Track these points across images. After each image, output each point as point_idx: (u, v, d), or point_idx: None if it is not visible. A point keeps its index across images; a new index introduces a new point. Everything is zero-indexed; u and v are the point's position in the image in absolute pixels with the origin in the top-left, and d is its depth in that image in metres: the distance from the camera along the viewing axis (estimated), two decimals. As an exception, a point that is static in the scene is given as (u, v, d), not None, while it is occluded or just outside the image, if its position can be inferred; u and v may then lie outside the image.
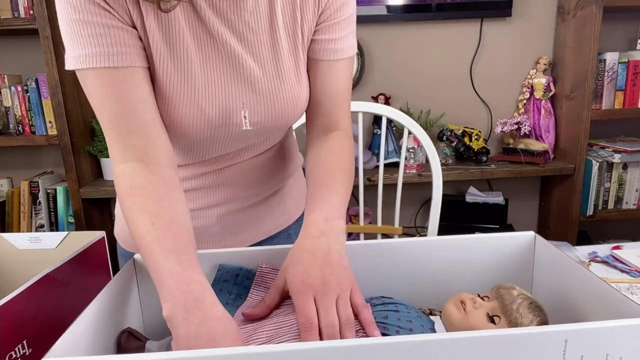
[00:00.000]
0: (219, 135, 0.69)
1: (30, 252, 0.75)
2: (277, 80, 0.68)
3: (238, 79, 0.66)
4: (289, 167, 0.86)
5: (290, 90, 0.69)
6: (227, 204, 0.79)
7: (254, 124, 0.69)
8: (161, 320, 0.62)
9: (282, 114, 0.70)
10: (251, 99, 0.67)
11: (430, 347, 0.40)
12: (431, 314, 0.59)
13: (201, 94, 0.64)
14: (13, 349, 0.52)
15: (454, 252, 0.64)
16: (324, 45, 0.70)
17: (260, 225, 0.83)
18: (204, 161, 0.75)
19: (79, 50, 0.59)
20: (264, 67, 0.67)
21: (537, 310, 0.54)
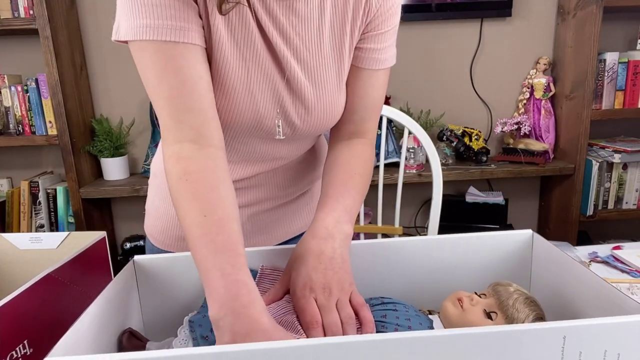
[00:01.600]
0: (250, 138, 0.68)
1: (31, 252, 0.75)
2: (318, 88, 0.67)
3: (280, 84, 0.65)
4: (319, 168, 0.86)
5: (331, 99, 0.68)
6: (258, 204, 0.79)
7: (287, 133, 0.68)
8: (161, 321, 0.62)
9: (319, 121, 0.69)
10: (290, 105, 0.66)
11: (429, 344, 0.40)
12: (430, 313, 0.59)
13: (242, 91, 0.63)
14: (14, 348, 0.52)
15: (453, 251, 0.64)
16: (368, 54, 0.69)
17: (289, 225, 0.84)
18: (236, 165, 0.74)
19: (138, 20, 0.56)
20: (308, 73, 0.66)
21: (533, 305, 0.55)
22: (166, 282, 0.61)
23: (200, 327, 0.54)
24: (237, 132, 0.67)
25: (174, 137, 0.59)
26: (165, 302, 0.62)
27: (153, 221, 0.84)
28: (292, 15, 0.62)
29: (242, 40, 0.62)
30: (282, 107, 0.66)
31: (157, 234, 0.83)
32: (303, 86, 0.66)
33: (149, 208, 0.85)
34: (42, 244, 0.75)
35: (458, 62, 2.07)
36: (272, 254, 0.63)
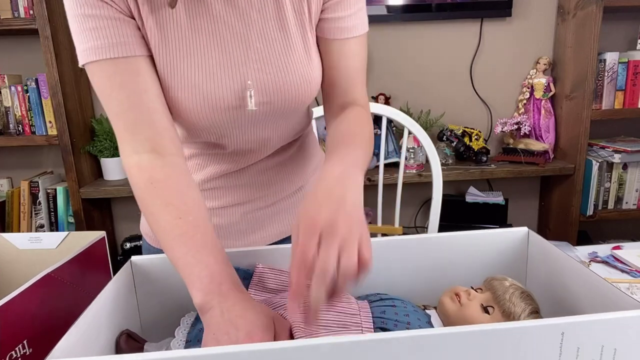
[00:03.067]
0: (227, 120, 0.68)
1: (31, 252, 0.75)
2: (284, 56, 0.66)
3: (241, 59, 0.65)
4: (311, 164, 0.86)
5: (299, 66, 0.67)
6: (251, 202, 0.80)
7: (262, 104, 0.68)
8: (159, 322, 0.62)
9: (291, 91, 0.68)
10: (257, 78, 0.66)
11: (429, 342, 0.41)
12: (425, 309, 0.60)
13: (201, 76, 0.64)
14: (13, 348, 0.52)
15: (450, 249, 0.64)
16: (333, 24, 0.68)
17: (282, 222, 0.84)
18: (225, 158, 0.75)
19: (84, 44, 0.59)
20: (271, 45, 0.66)
21: (529, 299, 0.55)
22: (164, 283, 0.61)
23: (200, 331, 0.54)
24: (211, 113, 0.66)
25: (132, 148, 0.60)
26: (162, 303, 0.62)
27: None
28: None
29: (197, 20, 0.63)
30: (251, 79, 0.66)
31: (152, 233, 0.83)
32: (266, 57, 0.66)
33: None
34: (42, 244, 0.75)
35: (458, 62, 2.07)
36: (268, 253, 0.63)
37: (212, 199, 0.79)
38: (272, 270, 0.62)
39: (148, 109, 0.60)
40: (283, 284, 0.61)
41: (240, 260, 0.62)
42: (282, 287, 0.61)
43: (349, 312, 0.54)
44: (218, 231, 0.80)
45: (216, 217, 0.80)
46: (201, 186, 0.79)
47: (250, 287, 0.61)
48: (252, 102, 0.66)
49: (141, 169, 0.59)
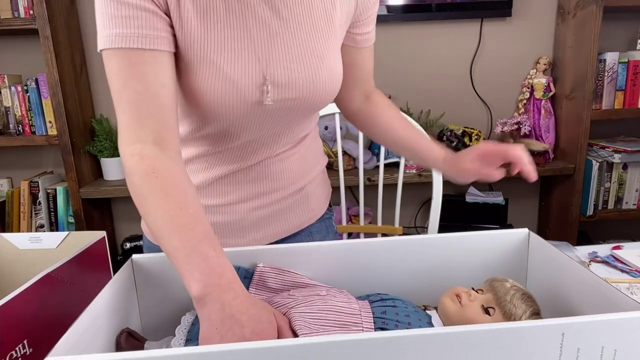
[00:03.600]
0: (248, 111, 0.70)
1: (31, 252, 0.75)
2: (316, 58, 0.72)
3: (268, 54, 0.68)
4: (315, 167, 0.88)
5: (328, 67, 0.73)
6: (255, 199, 0.81)
7: (287, 100, 0.71)
8: (159, 321, 0.62)
9: (319, 90, 0.73)
10: (283, 74, 0.69)
11: (430, 341, 0.41)
12: (426, 309, 0.60)
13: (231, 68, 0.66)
14: (14, 348, 0.52)
15: (450, 250, 0.64)
16: (365, 37, 0.82)
17: (285, 221, 0.85)
18: (231, 154, 0.77)
19: (109, 30, 0.60)
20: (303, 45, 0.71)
21: (530, 301, 0.55)
22: (164, 282, 0.61)
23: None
24: (236, 108, 0.69)
25: (136, 136, 0.60)
26: (163, 301, 0.62)
27: None
28: None
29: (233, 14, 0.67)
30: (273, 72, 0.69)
31: None
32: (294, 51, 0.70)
33: None
34: (42, 244, 0.75)
35: (458, 62, 2.07)
36: (269, 253, 0.63)
37: (215, 196, 0.80)
38: (273, 270, 0.62)
39: (162, 104, 0.62)
40: (284, 283, 0.61)
41: (241, 260, 0.62)
42: (283, 286, 0.61)
43: (350, 312, 0.54)
44: (221, 228, 0.81)
45: (219, 214, 0.80)
46: (206, 186, 0.79)
47: (251, 286, 0.61)
48: (269, 98, 0.69)
49: (143, 157, 0.59)
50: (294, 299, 0.56)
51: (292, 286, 0.61)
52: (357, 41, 0.82)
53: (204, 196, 0.80)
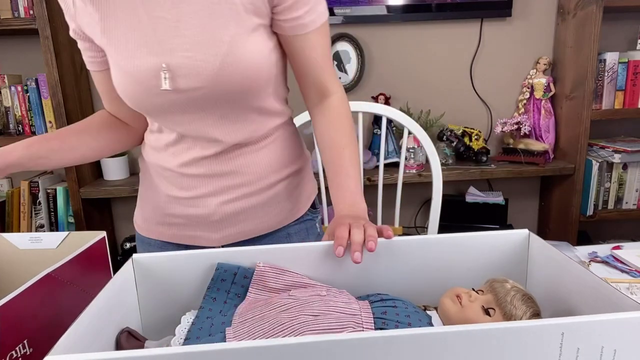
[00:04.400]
0: (159, 103, 0.75)
1: (31, 252, 0.75)
2: (216, 44, 0.71)
3: (168, 41, 0.72)
4: (290, 165, 0.87)
5: (234, 52, 0.71)
6: (223, 193, 0.82)
7: (189, 90, 0.73)
8: (159, 321, 0.62)
9: (222, 77, 0.72)
10: (181, 62, 0.72)
11: (430, 341, 0.41)
12: (426, 309, 0.60)
13: (126, 63, 0.74)
14: (14, 348, 0.52)
15: (450, 250, 0.64)
16: (291, 23, 0.75)
17: (260, 219, 0.85)
18: (187, 146, 0.80)
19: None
20: (201, 30, 0.71)
21: (530, 302, 0.55)
22: (165, 281, 0.61)
23: (200, 330, 0.55)
24: (139, 100, 0.77)
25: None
26: (163, 301, 0.62)
27: (140, 210, 0.93)
28: None
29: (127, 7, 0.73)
30: (167, 57, 0.72)
31: (142, 222, 0.91)
32: (191, 39, 0.71)
33: (139, 199, 0.95)
34: (42, 244, 0.75)
35: (458, 62, 2.08)
36: (269, 253, 0.63)
37: (186, 189, 0.83)
38: (273, 270, 0.62)
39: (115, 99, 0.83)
40: (284, 283, 0.61)
41: (241, 260, 0.62)
42: (283, 286, 0.61)
43: (350, 312, 0.54)
44: (194, 221, 0.84)
45: (191, 207, 0.83)
46: (177, 177, 0.83)
47: (251, 286, 0.61)
48: (166, 83, 0.73)
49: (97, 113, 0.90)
50: (295, 299, 0.56)
51: (292, 286, 0.61)
52: (284, 28, 0.76)
53: (177, 189, 0.84)
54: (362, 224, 0.64)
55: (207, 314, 0.58)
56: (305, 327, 0.50)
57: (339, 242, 0.61)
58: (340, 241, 0.61)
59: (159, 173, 0.86)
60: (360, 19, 1.96)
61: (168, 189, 0.85)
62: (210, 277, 0.61)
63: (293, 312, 0.53)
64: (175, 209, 0.85)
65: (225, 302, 0.60)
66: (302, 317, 0.52)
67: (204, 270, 0.61)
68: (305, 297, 0.56)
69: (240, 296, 0.60)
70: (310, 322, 0.51)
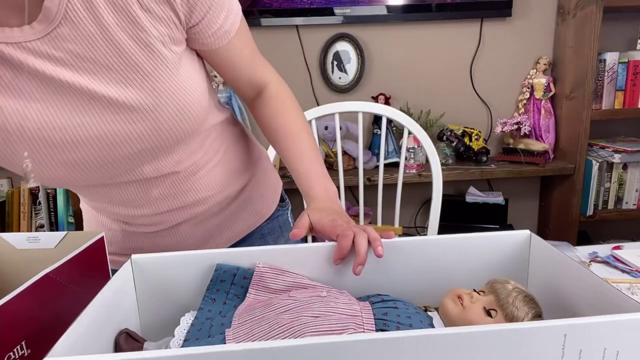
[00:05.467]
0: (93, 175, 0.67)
1: (29, 252, 0.75)
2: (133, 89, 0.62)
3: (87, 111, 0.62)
4: (250, 165, 0.84)
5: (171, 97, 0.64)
6: (191, 219, 0.79)
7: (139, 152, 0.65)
8: (158, 322, 0.62)
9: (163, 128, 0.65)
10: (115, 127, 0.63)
11: (431, 342, 0.41)
12: (426, 310, 0.60)
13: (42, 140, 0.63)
14: (12, 349, 0.52)
15: (451, 251, 0.64)
16: (213, 37, 0.68)
17: (230, 230, 0.83)
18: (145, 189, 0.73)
19: None
20: (117, 81, 0.61)
21: (532, 303, 0.55)
22: (164, 282, 0.61)
23: (199, 331, 0.54)
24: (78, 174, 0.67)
25: None
26: (162, 302, 0.61)
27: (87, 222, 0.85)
28: (61, 42, 0.57)
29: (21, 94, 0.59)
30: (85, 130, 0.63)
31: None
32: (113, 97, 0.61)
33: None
34: (40, 244, 0.75)
35: (458, 62, 2.07)
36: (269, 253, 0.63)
37: (154, 224, 0.78)
38: (273, 270, 0.61)
39: None
40: (284, 283, 0.61)
41: (241, 260, 0.62)
42: (283, 286, 0.61)
43: (351, 313, 0.54)
44: (166, 249, 0.76)
45: (162, 237, 0.79)
46: (140, 218, 0.77)
47: (251, 286, 0.60)
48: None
49: None
50: (295, 300, 0.56)
51: (292, 287, 0.61)
52: (207, 44, 0.68)
53: (134, 226, 0.78)
54: (361, 227, 0.63)
55: (207, 315, 0.58)
56: (305, 328, 0.50)
57: (342, 253, 0.60)
58: (344, 253, 0.60)
59: (108, 217, 0.79)
60: (360, 19, 1.96)
61: (125, 227, 0.79)
62: (209, 278, 0.61)
63: (293, 313, 0.53)
64: (140, 242, 0.80)
65: (224, 303, 0.59)
66: (303, 318, 0.51)
67: (203, 271, 0.61)
68: (305, 298, 0.56)
69: (239, 297, 0.60)
70: (310, 324, 0.51)
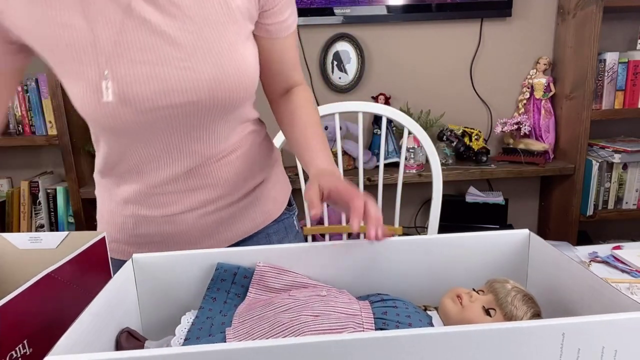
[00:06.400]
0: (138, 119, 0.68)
1: (31, 252, 0.75)
2: (214, 53, 0.67)
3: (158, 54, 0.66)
4: (266, 168, 0.86)
5: (234, 59, 0.69)
6: (201, 207, 0.79)
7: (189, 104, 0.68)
8: (159, 321, 0.62)
9: (221, 87, 0.69)
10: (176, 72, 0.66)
11: (431, 341, 0.41)
12: (426, 309, 0.60)
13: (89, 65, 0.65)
14: (13, 348, 0.52)
15: (451, 250, 0.64)
16: (276, 27, 0.76)
17: (237, 226, 0.83)
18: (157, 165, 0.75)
19: None
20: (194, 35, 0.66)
21: (531, 302, 0.55)
22: (165, 281, 0.61)
23: (200, 330, 0.54)
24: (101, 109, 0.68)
25: None
26: (163, 301, 0.62)
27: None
28: None
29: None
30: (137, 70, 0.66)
31: (108, 243, 0.83)
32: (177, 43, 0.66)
33: (99, 219, 0.86)
34: (42, 244, 0.75)
35: (458, 62, 2.08)
36: (268, 253, 0.63)
37: (157, 207, 0.79)
38: (273, 269, 0.62)
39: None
40: (284, 283, 0.61)
41: (241, 259, 0.62)
42: (283, 286, 0.61)
43: (350, 312, 0.54)
44: (169, 238, 0.80)
45: (165, 224, 0.80)
46: (143, 197, 0.78)
47: (251, 285, 0.61)
48: (108, 93, 0.66)
49: None
50: (295, 299, 0.56)
51: (292, 286, 0.61)
52: (270, 32, 0.75)
53: (147, 208, 0.79)
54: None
55: (207, 314, 0.58)
56: (305, 327, 0.50)
57: (358, 213, 0.60)
58: (359, 212, 0.60)
59: (122, 195, 0.80)
60: (360, 19, 1.96)
61: (136, 209, 0.79)
62: (210, 277, 0.61)
63: (293, 313, 0.53)
64: (147, 229, 0.81)
65: (225, 302, 0.60)
66: (303, 318, 0.52)
67: (203, 270, 0.61)
68: (305, 297, 0.56)
69: (240, 296, 0.60)
70: (310, 323, 0.51)
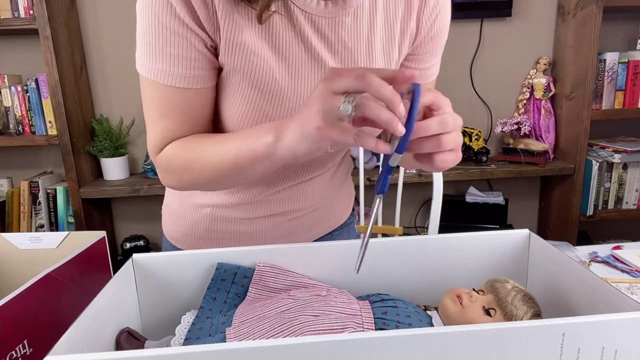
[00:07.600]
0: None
1: (31, 252, 0.75)
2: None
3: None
4: (344, 182, 0.89)
5: None
6: (281, 215, 0.81)
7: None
8: (160, 321, 0.62)
9: None
10: None
11: (431, 341, 0.41)
12: (426, 309, 0.60)
13: (291, 106, 0.65)
14: (14, 348, 0.52)
15: (451, 250, 0.64)
16: (420, 72, 0.76)
17: (309, 232, 0.85)
18: (267, 184, 0.76)
19: (154, 63, 0.60)
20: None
21: (531, 302, 0.55)
22: (165, 281, 0.61)
23: (200, 330, 0.54)
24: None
25: (160, 147, 0.66)
26: (164, 301, 0.62)
27: (173, 224, 0.85)
28: (337, 27, 0.64)
29: (286, 54, 0.63)
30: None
31: (179, 236, 0.85)
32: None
33: (167, 210, 0.87)
34: (42, 244, 0.75)
35: (458, 62, 2.07)
36: (269, 253, 0.63)
37: (244, 211, 0.80)
38: (273, 269, 0.62)
39: (197, 130, 0.66)
40: (284, 283, 0.61)
41: (241, 259, 0.62)
42: (283, 286, 0.61)
43: (350, 312, 0.54)
44: (243, 238, 0.81)
45: (246, 225, 0.81)
46: (238, 204, 0.79)
47: (251, 285, 0.61)
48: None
49: (165, 151, 0.65)
50: (295, 299, 0.56)
51: (292, 286, 0.61)
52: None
53: (226, 209, 0.79)
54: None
55: (207, 314, 0.58)
56: (305, 327, 0.50)
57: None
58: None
59: (204, 198, 0.80)
60: (360, 19, 1.96)
61: (215, 211, 0.80)
62: (210, 277, 0.61)
63: (293, 312, 0.53)
64: (222, 226, 0.81)
65: (225, 302, 0.60)
66: (303, 317, 0.52)
67: (204, 270, 0.61)
68: (305, 297, 0.56)
69: (240, 296, 0.60)
70: (310, 322, 0.51)
